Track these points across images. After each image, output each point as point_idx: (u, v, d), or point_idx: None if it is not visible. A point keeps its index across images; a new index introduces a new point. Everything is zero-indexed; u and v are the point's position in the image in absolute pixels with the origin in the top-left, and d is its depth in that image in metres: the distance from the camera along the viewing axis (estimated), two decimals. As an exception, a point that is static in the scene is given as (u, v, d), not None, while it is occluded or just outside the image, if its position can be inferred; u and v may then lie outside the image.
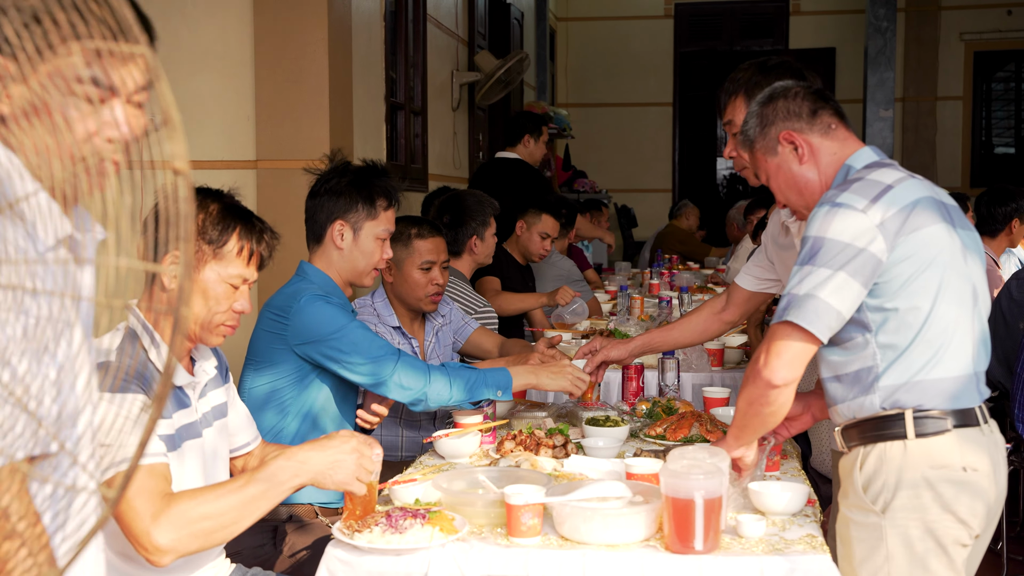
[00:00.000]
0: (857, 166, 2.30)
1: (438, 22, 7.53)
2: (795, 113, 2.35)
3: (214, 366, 2.39)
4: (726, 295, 3.16)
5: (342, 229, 3.05)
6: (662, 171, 13.20)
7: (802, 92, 2.38)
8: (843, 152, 2.34)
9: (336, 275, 3.08)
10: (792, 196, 2.40)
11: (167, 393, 1.03)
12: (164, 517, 1.92)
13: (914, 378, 2.15)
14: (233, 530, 2.01)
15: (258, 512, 2.03)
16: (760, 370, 2.15)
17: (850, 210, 2.13)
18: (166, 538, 1.92)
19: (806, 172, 2.35)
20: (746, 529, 2.20)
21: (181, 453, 2.18)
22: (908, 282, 2.13)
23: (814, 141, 2.34)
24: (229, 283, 2.24)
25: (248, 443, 2.52)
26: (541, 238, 5.55)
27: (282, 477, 2.05)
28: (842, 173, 2.31)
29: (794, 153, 2.35)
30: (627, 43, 12.93)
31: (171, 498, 1.96)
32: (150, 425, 1.02)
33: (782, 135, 2.35)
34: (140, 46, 0.98)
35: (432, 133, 7.36)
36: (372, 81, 6.03)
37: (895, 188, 2.17)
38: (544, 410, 3.31)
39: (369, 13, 5.89)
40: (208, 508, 1.97)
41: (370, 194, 3.07)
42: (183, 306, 1.01)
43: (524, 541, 2.19)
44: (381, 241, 3.08)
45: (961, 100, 12.17)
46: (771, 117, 2.37)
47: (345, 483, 2.14)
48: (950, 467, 2.12)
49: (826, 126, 2.35)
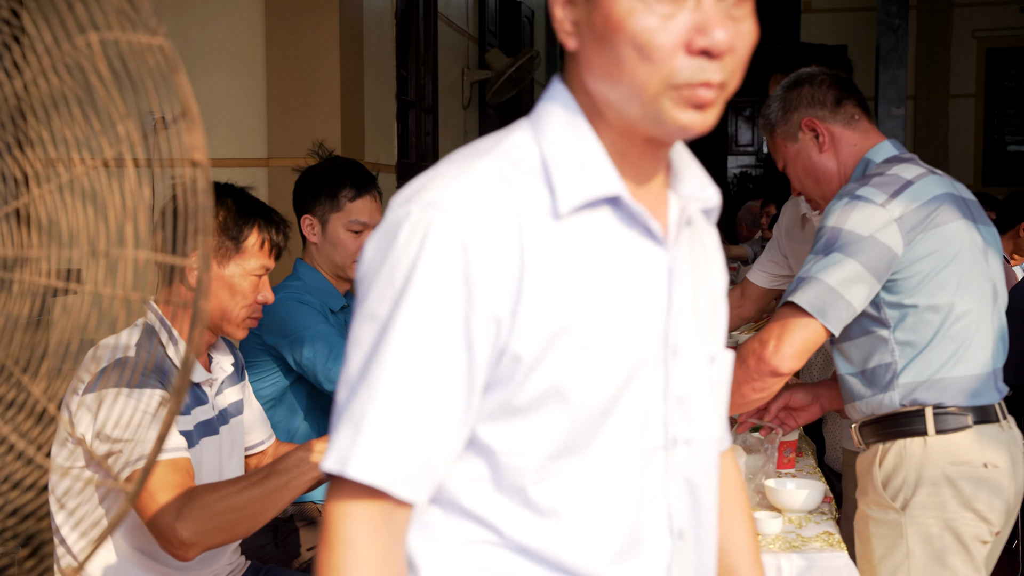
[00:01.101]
0: (877, 160, 2.28)
1: (449, 20, 7.53)
2: (819, 101, 2.33)
3: (231, 363, 2.39)
4: (739, 290, 3.14)
5: (311, 223, 3.04)
6: (672, 169, 13.14)
7: (828, 80, 2.36)
8: (864, 144, 2.32)
9: (324, 270, 3.06)
10: (809, 184, 2.38)
11: (186, 387, 1.02)
12: (188, 511, 1.92)
13: (934, 376, 2.13)
14: (257, 522, 2.00)
15: (281, 503, 2.03)
16: (767, 356, 2.10)
17: (869, 204, 2.12)
18: (191, 532, 1.91)
19: (825, 161, 2.33)
20: (763, 526, 2.19)
21: (199, 450, 2.18)
22: (928, 279, 2.11)
23: (836, 130, 2.32)
24: (253, 275, 2.27)
25: (262, 442, 2.52)
26: None
27: (303, 468, 2.05)
28: (861, 166, 2.29)
29: (814, 141, 2.33)
30: (637, 41, 12.88)
31: (194, 492, 1.96)
32: (168, 419, 1.01)
33: (804, 121, 2.33)
34: (158, 37, 0.97)
35: (443, 131, 7.35)
36: (383, 79, 6.02)
37: (915, 184, 2.16)
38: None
39: (380, 11, 5.89)
40: (232, 500, 1.96)
41: (333, 186, 3.04)
42: (202, 300, 1.00)
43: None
44: (352, 233, 3.03)
45: (973, 98, 12.12)
46: (794, 102, 2.35)
47: None
48: (971, 464, 2.11)
49: (849, 116, 2.33)
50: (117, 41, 0.95)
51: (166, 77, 0.98)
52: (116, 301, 1.08)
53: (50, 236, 1.17)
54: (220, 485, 2.02)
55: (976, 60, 12.06)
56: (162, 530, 1.92)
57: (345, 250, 3.01)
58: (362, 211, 3.02)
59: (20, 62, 0.98)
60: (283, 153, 4.97)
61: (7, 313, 1.21)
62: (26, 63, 0.97)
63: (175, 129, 0.98)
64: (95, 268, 1.21)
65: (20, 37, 1.02)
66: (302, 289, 2.98)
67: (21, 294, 1.20)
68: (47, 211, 1.14)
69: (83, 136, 1.08)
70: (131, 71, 0.95)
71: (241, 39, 5.04)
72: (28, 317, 1.22)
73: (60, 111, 1.02)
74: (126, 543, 2.11)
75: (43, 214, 1.15)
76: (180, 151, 0.98)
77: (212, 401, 2.27)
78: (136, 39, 0.97)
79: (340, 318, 3.09)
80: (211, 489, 1.99)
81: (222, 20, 5.04)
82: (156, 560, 2.12)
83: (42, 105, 1.02)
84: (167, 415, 1.00)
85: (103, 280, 1.09)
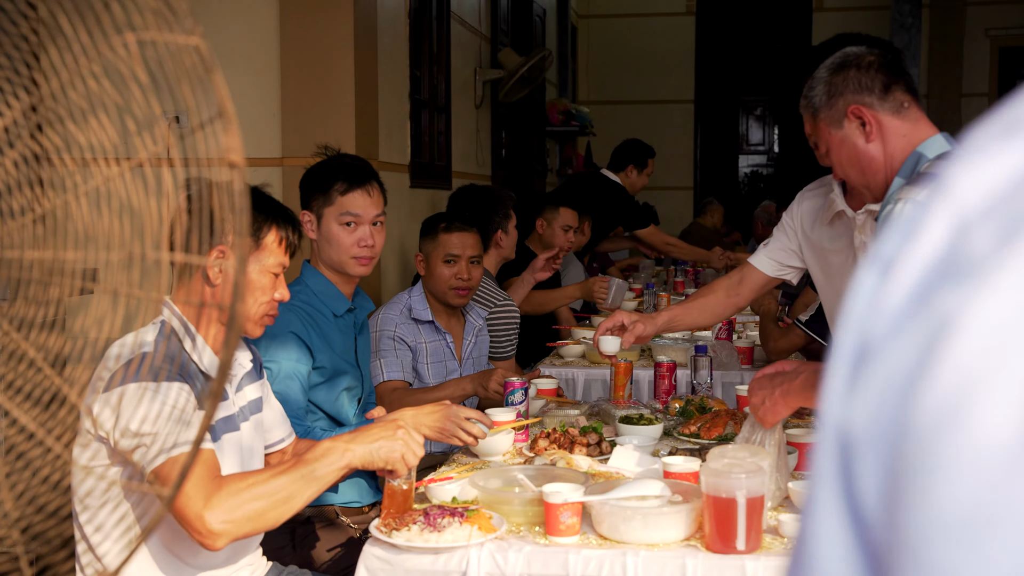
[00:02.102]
0: (929, 155, 2.18)
1: (462, 20, 7.52)
2: (867, 87, 2.21)
3: (249, 359, 2.40)
4: (739, 275, 3.01)
5: (309, 219, 3.04)
6: (683, 169, 13.14)
7: (876, 62, 2.22)
8: (914, 136, 2.21)
9: (329, 269, 3.05)
10: (853, 173, 2.28)
11: (221, 389, 1.01)
12: (216, 500, 1.92)
13: None
14: (284, 511, 2.00)
15: (308, 493, 2.03)
16: None
17: None
18: (219, 520, 1.91)
19: (871, 150, 2.22)
20: (788, 528, 2.18)
21: (220, 446, 2.18)
22: None
23: (884, 119, 2.21)
24: (271, 272, 2.30)
25: (283, 439, 2.53)
26: (564, 231, 5.53)
27: (331, 458, 2.06)
28: (912, 160, 2.19)
29: (861, 129, 2.22)
30: (649, 40, 12.88)
31: (221, 481, 1.97)
32: (206, 422, 1.00)
33: (851, 109, 2.22)
34: (195, 37, 0.97)
35: (456, 130, 7.35)
36: (397, 78, 6.02)
37: None
38: (576, 408, 3.29)
39: (394, 11, 5.88)
40: (259, 489, 1.97)
41: (326, 180, 3.04)
42: (239, 302, 0.99)
43: (563, 540, 2.17)
44: (347, 225, 3.02)
45: (987, 96, 12.07)
46: (840, 87, 2.23)
47: (392, 461, 2.13)
48: None
49: (899, 104, 2.22)
50: (154, 42, 0.94)
51: (203, 78, 0.97)
52: (132, 300, 1.07)
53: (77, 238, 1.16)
54: (247, 474, 2.03)
55: (989, 59, 12.01)
56: (191, 520, 1.92)
57: (339, 244, 3.01)
58: (354, 204, 3.02)
59: (57, 62, 0.97)
60: (297, 152, 4.96)
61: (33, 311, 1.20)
62: (63, 63, 0.96)
63: (211, 130, 0.98)
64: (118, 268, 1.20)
65: (56, 37, 1.01)
66: (304, 294, 2.98)
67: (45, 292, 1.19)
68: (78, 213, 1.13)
69: (116, 138, 1.07)
70: (167, 71, 0.94)
71: (255, 39, 5.04)
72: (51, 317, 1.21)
73: (96, 112, 1.01)
74: (148, 542, 2.11)
75: (73, 215, 1.14)
76: (217, 152, 0.97)
77: (232, 398, 2.28)
78: (173, 39, 0.96)
79: (346, 320, 3.08)
80: (239, 478, 1.99)
81: (236, 20, 5.04)
82: (178, 557, 2.12)
83: (79, 108, 1.02)
84: (204, 418, 0.99)
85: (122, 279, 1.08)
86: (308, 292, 3.00)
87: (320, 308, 2.98)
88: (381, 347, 3.55)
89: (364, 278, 3.15)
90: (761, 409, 2.38)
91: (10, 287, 1.15)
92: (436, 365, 3.66)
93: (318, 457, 2.06)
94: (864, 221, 2.56)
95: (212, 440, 2.15)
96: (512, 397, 3.10)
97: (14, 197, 1.13)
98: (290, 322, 2.86)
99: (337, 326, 3.02)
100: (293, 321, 2.87)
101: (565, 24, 11.55)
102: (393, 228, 5.70)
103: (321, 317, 2.96)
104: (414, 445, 2.16)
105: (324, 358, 2.92)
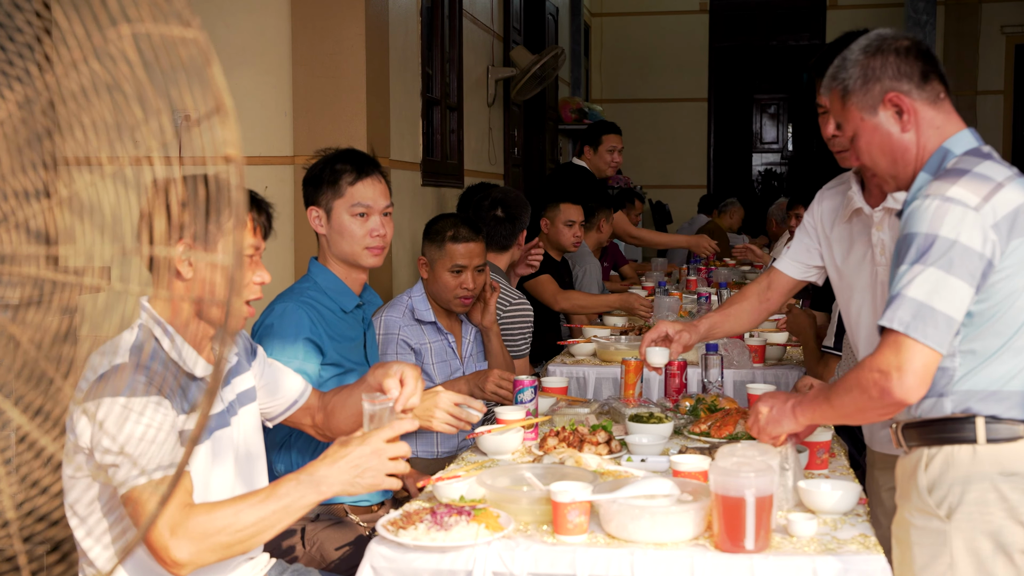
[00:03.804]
0: (956, 151, 2.10)
1: (474, 17, 7.51)
2: (906, 74, 2.10)
3: (235, 352, 2.36)
4: (767, 280, 2.97)
5: (317, 215, 3.03)
6: (697, 167, 13.11)
7: (914, 49, 2.13)
8: (946, 128, 2.13)
9: (336, 265, 3.04)
10: (883, 162, 2.18)
11: (208, 410, 0.99)
12: (183, 530, 1.90)
13: (991, 387, 2.03)
14: (252, 543, 1.99)
15: (279, 527, 2.00)
16: (892, 389, 1.96)
17: (963, 207, 1.96)
18: (184, 552, 1.90)
19: (906, 140, 2.13)
20: (797, 528, 2.16)
21: (210, 444, 2.17)
22: (1009, 290, 2.00)
23: (921, 109, 2.11)
24: (247, 256, 2.22)
25: (296, 401, 2.51)
26: (567, 226, 5.52)
27: (303, 493, 2.01)
28: (938, 156, 2.11)
29: (897, 118, 2.12)
30: (662, 38, 12.85)
31: (190, 510, 1.94)
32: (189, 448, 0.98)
33: (888, 96, 2.11)
34: (192, 29, 0.95)
35: (468, 129, 7.34)
36: (408, 77, 6.01)
37: (1005, 187, 2.00)
38: (586, 406, 3.28)
39: (406, 8, 5.87)
40: (227, 522, 1.94)
41: (333, 172, 3.03)
42: (235, 297, 0.97)
43: (570, 539, 2.15)
44: (358, 216, 3.01)
45: (1002, 94, 12.00)
46: (878, 72, 2.12)
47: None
48: (1020, 474, 2.02)
49: (935, 94, 2.12)
50: (149, 34, 0.93)
51: (200, 71, 0.96)
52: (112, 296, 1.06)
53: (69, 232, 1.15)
54: (216, 505, 1.99)
55: (1004, 56, 11.94)
56: (156, 549, 1.91)
57: (352, 236, 3.00)
58: (364, 194, 3.01)
59: (52, 55, 0.96)
60: (309, 151, 4.94)
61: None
62: (58, 56, 0.95)
63: (208, 124, 0.96)
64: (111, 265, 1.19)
65: (52, 29, 1.00)
66: (313, 290, 2.97)
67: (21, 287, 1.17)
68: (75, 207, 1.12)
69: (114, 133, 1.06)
70: (162, 64, 0.93)
71: (267, 37, 5.04)
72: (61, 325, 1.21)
73: (91, 105, 1.00)
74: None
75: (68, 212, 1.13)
76: (213, 146, 0.96)
77: (220, 394, 2.25)
78: (169, 31, 0.95)
79: (355, 315, 3.07)
80: (207, 509, 1.96)
81: (248, 18, 5.03)
82: None
83: (73, 97, 1.01)
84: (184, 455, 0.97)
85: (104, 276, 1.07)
86: (317, 288, 2.99)
87: (329, 304, 2.97)
88: (387, 351, 3.54)
89: (376, 275, 3.14)
90: (764, 417, 2.34)
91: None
92: (441, 365, 3.65)
93: (291, 493, 2.00)
94: (882, 219, 2.52)
95: (204, 439, 2.14)
96: (521, 395, 3.09)
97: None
98: (299, 322, 2.85)
99: (346, 322, 3.02)
100: (303, 320, 2.86)
101: (578, 22, 11.52)
102: (405, 226, 5.69)
103: (330, 313, 2.96)
104: (391, 458, 2.07)
105: (334, 354, 2.92)
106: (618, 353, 4.22)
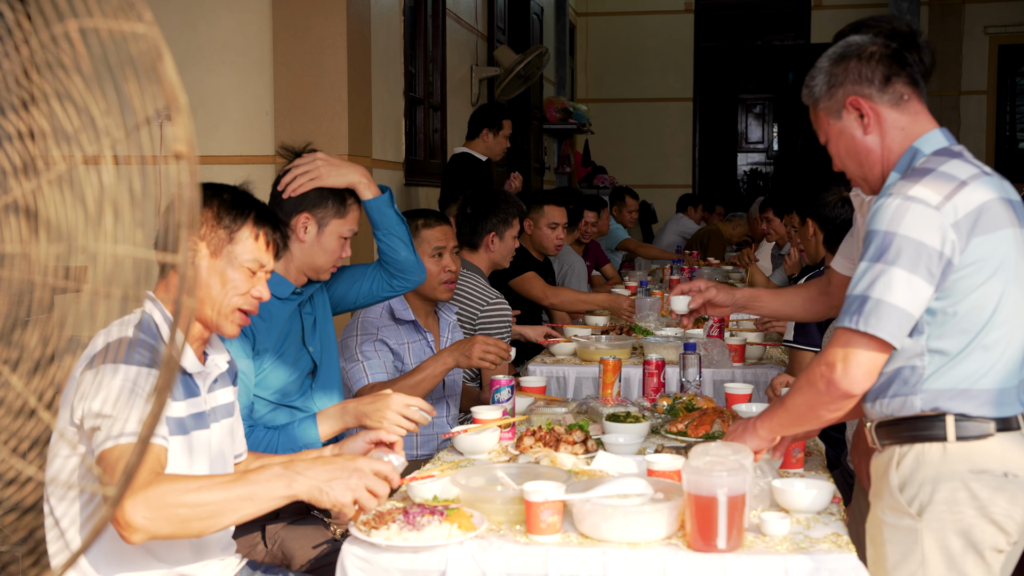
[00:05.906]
0: (926, 151, 2.14)
1: (457, 17, 7.50)
2: (867, 78, 2.17)
3: (227, 361, 2.37)
4: (827, 279, 2.93)
5: (307, 223, 2.98)
6: (682, 167, 13.13)
7: (878, 54, 2.18)
8: (912, 129, 2.17)
9: (291, 268, 3.00)
10: (850, 165, 2.24)
11: (173, 376, 0.99)
12: (143, 494, 1.86)
13: (960, 385, 2.04)
14: (211, 524, 1.95)
15: (241, 513, 1.97)
16: (837, 380, 2.02)
17: (923, 206, 1.99)
18: (139, 515, 1.85)
19: (869, 142, 2.18)
20: (770, 527, 2.15)
21: (188, 440, 2.16)
22: (973, 287, 2.02)
23: (882, 111, 2.17)
24: (247, 267, 2.25)
25: (240, 454, 2.49)
26: (551, 228, 5.52)
27: (273, 485, 1.99)
28: (908, 156, 2.15)
29: (859, 121, 2.18)
30: (647, 38, 12.87)
31: (156, 478, 1.91)
32: (156, 409, 0.97)
33: (849, 100, 2.18)
34: (142, 24, 0.94)
35: (451, 128, 7.33)
36: (391, 76, 6.00)
37: (969, 185, 2.03)
38: (564, 406, 3.27)
39: (388, 7, 5.86)
40: (190, 497, 1.91)
41: (341, 192, 3.02)
42: (185, 295, 0.96)
43: (543, 539, 2.15)
44: (344, 240, 3.02)
45: (985, 94, 12.04)
46: (840, 78, 2.19)
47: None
48: (990, 472, 2.03)
49: (898, 96, 2.17)
50: (97, 29, 0.92)
51: (153, 66, 0.94)
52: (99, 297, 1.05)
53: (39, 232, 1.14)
54: (183, 478, 1.98)
55: (988, 56, 11.98)
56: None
57: (333, 255, 3.01)
58: (356, 221, 3.04)
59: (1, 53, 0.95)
60: (289, 150, 4.94)
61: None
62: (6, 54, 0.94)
63: (161, 121, 0.95)
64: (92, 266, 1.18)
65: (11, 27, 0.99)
66: None
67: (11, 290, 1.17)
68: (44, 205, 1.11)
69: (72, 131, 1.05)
70: (110, 62, 0.91)
71: (248, 35, 5.02)
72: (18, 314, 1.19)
73: (40, 105, 0.99)
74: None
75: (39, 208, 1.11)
76: (164, 144, 0.94)
77: (204, 395, 2.25)
78: (118, 26, 0.93)
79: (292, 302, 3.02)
80: (173, 480, 1.94)
81: (229, 16, 5.02)
82: (148, 551, 2.11)
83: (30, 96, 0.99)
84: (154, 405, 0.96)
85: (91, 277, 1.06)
86: None
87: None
88: (363, 350, 3.52)
89: None
90: (727, 434, 2.40)
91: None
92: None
93: (259, 481, 1.99)
94: (860, 203, 2.52)
95: (183, 432, 2.13)
96: (498, 395, 3.08)
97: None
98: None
99: (283, 309, 2.98)
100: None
101: (563, 22, 11.52)
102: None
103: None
104: (368, 482, 2.06)
105: (267, 340, 2.89)
106: (598, 353, 4.22)
